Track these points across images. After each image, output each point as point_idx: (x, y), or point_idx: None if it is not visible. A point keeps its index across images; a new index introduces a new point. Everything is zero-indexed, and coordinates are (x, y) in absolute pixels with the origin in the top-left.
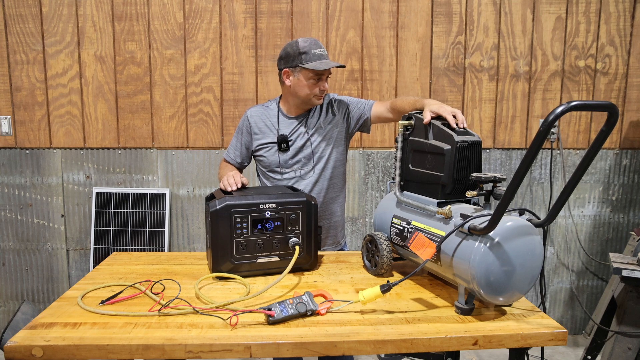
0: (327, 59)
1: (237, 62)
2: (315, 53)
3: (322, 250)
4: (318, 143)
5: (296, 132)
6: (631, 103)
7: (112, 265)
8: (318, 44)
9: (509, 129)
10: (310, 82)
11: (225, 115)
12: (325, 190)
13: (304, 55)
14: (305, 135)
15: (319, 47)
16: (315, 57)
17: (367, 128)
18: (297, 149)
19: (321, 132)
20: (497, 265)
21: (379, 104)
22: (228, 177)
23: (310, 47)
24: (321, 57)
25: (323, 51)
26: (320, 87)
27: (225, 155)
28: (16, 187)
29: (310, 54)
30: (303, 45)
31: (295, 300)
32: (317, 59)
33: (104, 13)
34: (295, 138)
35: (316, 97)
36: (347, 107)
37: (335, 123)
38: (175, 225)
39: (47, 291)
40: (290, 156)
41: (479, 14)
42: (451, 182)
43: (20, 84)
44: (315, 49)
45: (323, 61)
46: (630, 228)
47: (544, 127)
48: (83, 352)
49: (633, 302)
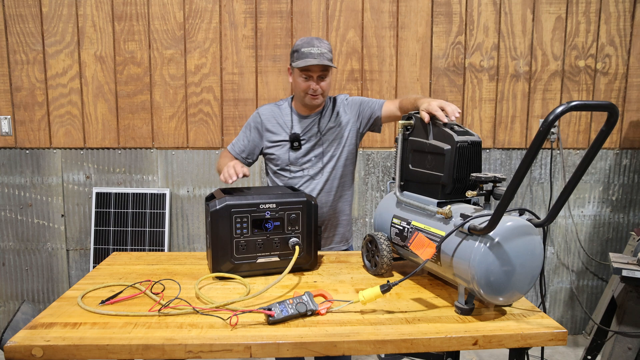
0: (318, 58)
1: (237, 62)
2: (304, 51)
3: (329, 248)
4: (329, 142)
5: (309, 131)
6: (631, 103)
7: (112, 265)
8: (312, 42)
9: (509, 129)
10: (301, 80)
11: (225, 115)
12: (335, 189)
13: (296, 54)
14: (317, 135)
15: (312, 46)
16: (303, 55)
17: (378, 127)
18: (309, 148)
19: (333, 132)
20: (497, 265)
21: (389, 103)
22: (228, 167)
23: (303, 45)
24: (309, 56)
25: (314, 49)
26: (312, 87)
27: (230, 148)
28: (16, 187)
29: (300, 52)
30: (298, 43)
31: (295, 300)
32: (304, 57)
33: (104, 13)
34: (307, 137)
35: (309, 96)
36: (358, 107)
37: (347, 123)
38: (175, 225)
39: (47, 291)
40: (301, 154)
41: (479, 14)
42: (451, 182)
43: (20, 84)
44: (307, 48)
45: (308, 59)
46: (630, 228)
47: (544, 127)
48: (83, 352)
49: (633, 302)
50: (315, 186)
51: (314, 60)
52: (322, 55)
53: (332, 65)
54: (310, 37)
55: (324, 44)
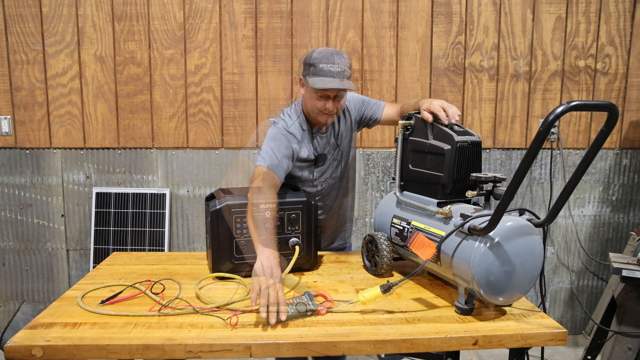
0: (336, 77)
1: (237, 62)
2: (322, 68)
3: (329, 248)
4: (344, 148)
5: (328, 144)
6: (631, 103)
7: (112, 265)
8: (332, 57)
9: (509, 129)
10: (314, 97)
11: (225, 115)
12: (344, 190)
13: (312, 68)
14: (335, 146)
15: (331, 63)
16: (321, 72)
17: (371, 127)
18: (330, 160)
19: (344, 136)
20: (497, 265)
21: (390, 107)
22: (270, 291)
23: (321, 60)
24: (328, 74)
25: (334, 67)
26: (327, 106)
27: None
28: (16, 187)
29: (317, 68)
30: (316, 56)
31: (295, 300)
32: (322, 75)
33: (104, 13)
34: (327, 151)
35: (322, 115)
36: (360, 106)
37: (353, 122)
38: (175, 225)
39: (47, 291)
40: (324, 169)
41: (479, 14)
42: (451, 182)
43: (20, 84)
44: (325, 64)
45: (327, 79)
46: (630, 228)
47: (544, 127)
48: (83, 352)
49: (633, 302)
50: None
51: (333, 82)
52: (341, 74)
53: (353, 88)
54: (330, 51)
55: (344, 59)
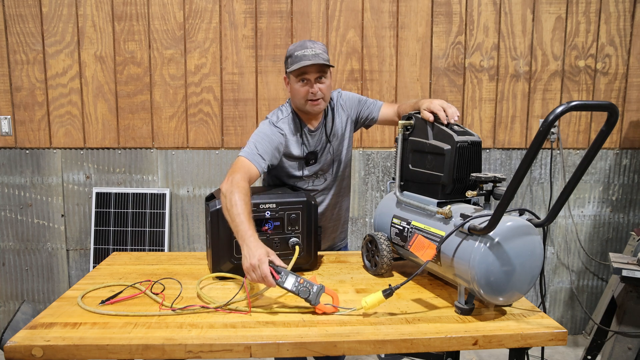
0: (312, 59)
1: (237, 62)
2: (297, 55)
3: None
4: (336, 147)
5: (320, 143)
6: (631, 103)
7: (112, 265)
8: (305, 44)
9: (509, 129)
10: (298, 86)
11: (225, 115)
12: (339, 190)
13: (289, 59)
14: (327, 145)
15: (305, 48)
16: (297, 59)
17: (368, 127)
18: (321, 158)
19: (336, 134)
20: (497, 265)
21: (387, 107)
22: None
23: (295, 49)
24: (303, 58)
25: (308, 51)
26: (311, 91)
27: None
28: (16, 187)
29: (293, 57)
30: (291, 48)
31: (306, 284)
32: (298, 61)
33: (104, 13)
34: (319, 149)
35: (309, 103)
36: (356, 106)
37: (345, 121)
38: (175, 225)
39: (47, 291)
40: (315, 169)
41: (479, 14)
42: (451, 182)
43: (20, 84)
44: (300, 51)
45: (302, 62)
46: (630, 228)
47: (544, 127)
48: (83, 352)
49: (633, 302)
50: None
51: (308, 61)
52: (316, 56)
53: (329, 64)
54: (303, 40)
55: (317, 44)
